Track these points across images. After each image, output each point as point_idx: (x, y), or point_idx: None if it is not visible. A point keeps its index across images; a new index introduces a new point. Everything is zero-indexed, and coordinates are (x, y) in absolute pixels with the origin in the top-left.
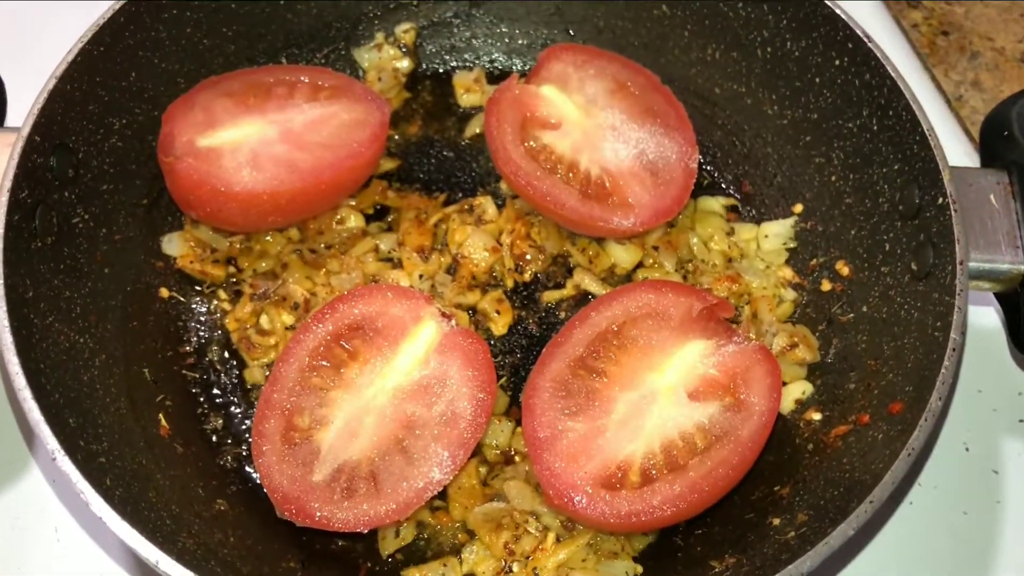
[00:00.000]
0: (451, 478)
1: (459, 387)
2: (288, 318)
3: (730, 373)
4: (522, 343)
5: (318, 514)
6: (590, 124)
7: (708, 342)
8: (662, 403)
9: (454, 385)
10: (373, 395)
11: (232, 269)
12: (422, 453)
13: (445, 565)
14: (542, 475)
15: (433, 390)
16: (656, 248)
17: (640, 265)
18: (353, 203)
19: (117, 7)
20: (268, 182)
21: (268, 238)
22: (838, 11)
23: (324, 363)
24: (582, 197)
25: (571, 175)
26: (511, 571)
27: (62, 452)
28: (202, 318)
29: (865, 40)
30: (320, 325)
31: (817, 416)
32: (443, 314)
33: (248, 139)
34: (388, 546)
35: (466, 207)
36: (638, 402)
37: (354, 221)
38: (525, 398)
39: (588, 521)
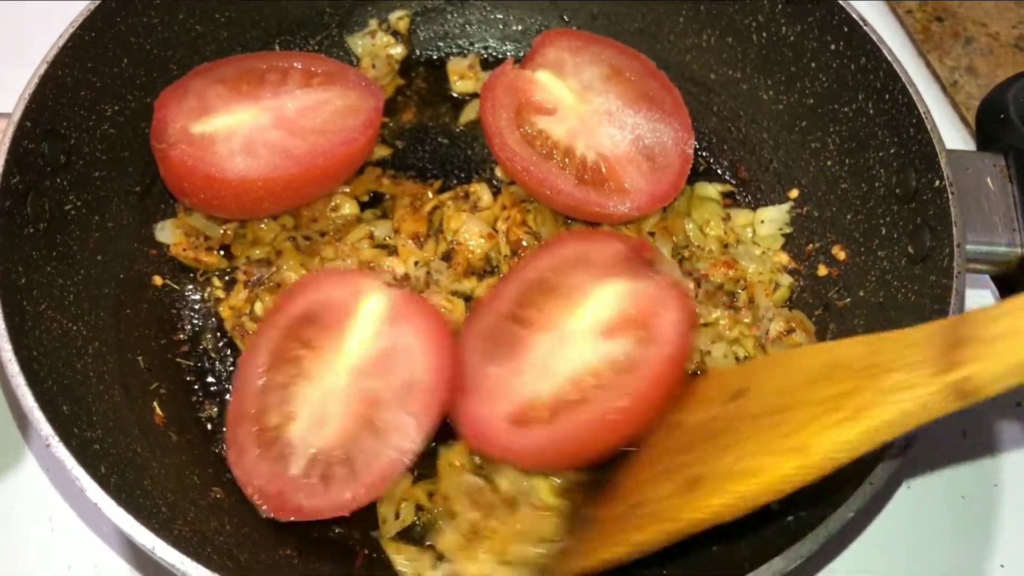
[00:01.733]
0: (421, 444)
1: (414, 353)
2: None
3: (643, 308)
4: None
5: (301, 505)
6: (586, 110)
7: (627, 282)
8: (576, 342)
9: (409, 352)
10: (332, 380)
11: (226, 257)
12: (390, 425)
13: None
14: (463, 421)
15: (389, 361)
16: (652, 234)
17: None
18: (347, 190)
19: None
20: (262, 168)
21: (262, 225)
22: None
23: (283, 362)
24: (578, 183)
25: (567, 161)
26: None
27: (56, 438)
28: (196, 306)
29: (860, 24)
30: (272, 329)
31: None
32: (388, 285)
33: (242, 126)
34: (389, 529)
35: (461, 194)
36: (553, 344)
37: (348, 208)
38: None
39: (506, 459)
